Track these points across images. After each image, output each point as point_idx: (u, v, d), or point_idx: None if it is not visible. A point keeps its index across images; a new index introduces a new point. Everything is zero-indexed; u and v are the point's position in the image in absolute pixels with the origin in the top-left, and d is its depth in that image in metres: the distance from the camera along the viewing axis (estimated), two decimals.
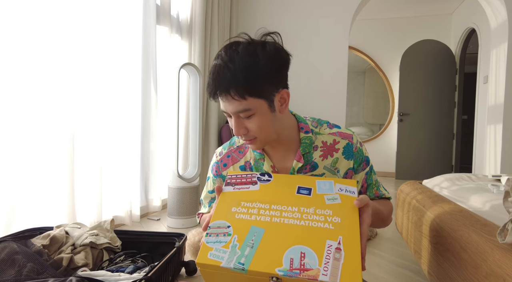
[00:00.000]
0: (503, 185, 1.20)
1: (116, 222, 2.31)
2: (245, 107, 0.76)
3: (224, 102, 0.77)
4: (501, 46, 3.36)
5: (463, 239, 0.90)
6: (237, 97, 0.74)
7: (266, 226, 0.68)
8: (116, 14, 2.22)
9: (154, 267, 1.25)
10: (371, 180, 0.92)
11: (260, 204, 0.73)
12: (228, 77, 0.74)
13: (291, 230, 0.67)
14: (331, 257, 0.61)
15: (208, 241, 0.66)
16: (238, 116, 0.78)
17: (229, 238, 0.66)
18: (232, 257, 0.63)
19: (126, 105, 2.34)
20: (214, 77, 0.76)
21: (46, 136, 1.81)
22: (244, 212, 0.71)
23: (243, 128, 0.79)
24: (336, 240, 0.64)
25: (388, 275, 1.63)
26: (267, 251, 0.63)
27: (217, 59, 0.77)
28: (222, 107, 0.79)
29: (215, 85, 0.75)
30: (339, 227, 0.67)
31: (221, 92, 0.75)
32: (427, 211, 1.26)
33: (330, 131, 0.89)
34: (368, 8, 4.86)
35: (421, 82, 4.93)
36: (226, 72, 0.74)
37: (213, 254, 0.64)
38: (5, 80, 1.57)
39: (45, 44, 1.77)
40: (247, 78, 0.74)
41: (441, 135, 4.96)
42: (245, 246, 0.64)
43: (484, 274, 0.75)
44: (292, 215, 0.70)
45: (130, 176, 2.40)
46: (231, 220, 0.70)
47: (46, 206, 1.82)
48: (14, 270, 1.17)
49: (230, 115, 0.80)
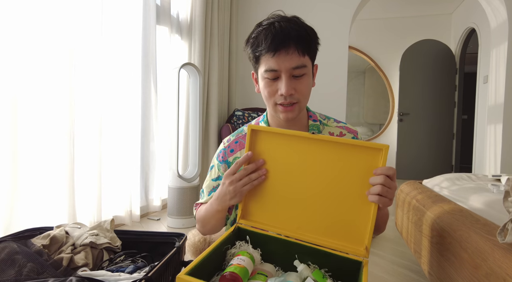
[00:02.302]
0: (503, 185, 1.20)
1: (116, 222, 2.31)
2: (303, 63, 0.80)
3: (283, 57, 0.78)
4: (501, 46, 3.36)
5: (463, 238, 0.90)
6: (300, 52, 0.79)
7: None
8: (116, 14, 2.22)
9: (154, 267, 1.25)
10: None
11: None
12: (294, 32, 0.78)
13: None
14: None
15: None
16: (290, 75, 0.81)
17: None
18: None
19: (126, 105, 2.34)
20: (276, 32, 0.78)
21: (46, 136, 1.81)
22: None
23: (293, 89, 0.81)
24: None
25: (388, 275, 1.63)
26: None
27: (269, 21, 0.81)
28: (274, 65, 0.79)
29: (277, 39, 0.77)
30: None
31: (284, 45, 0.78)
32: (427, 210, 1.26)
33: (337, 125, 0.94)
34: (368, 8, 4.86)
35: (421, 82, 4.93)
36: (291, 28, 0.79)
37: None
38: (4, 80, 1.57)
39: (45, 43, 1.77)
40: (310, 36, 0.81)
41: (441, 135, 4.96)
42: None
43: (484, 273, 0.75)
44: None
45: (130, 176, 2.39)
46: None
47: (46, 206, 1.82)
48: (14, 270, 1.17)
49: (278, 76, 0.81)
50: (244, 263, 0.67)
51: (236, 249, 0.74)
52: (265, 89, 0.84)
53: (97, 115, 2.07)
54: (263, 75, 0.83)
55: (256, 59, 0.84)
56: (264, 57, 0.81)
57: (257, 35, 0.82)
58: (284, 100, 0.82)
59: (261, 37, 0.80)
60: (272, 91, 0.83)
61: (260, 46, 0.80)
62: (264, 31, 0.80)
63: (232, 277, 0.63)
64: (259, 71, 0.85)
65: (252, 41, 0.83)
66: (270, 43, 0.78)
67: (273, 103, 0.85)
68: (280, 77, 0.81)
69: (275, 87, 0.82)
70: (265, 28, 0.80)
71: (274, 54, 0.78)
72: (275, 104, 0.84)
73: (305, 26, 0.82)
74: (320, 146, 0.71)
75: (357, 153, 0.69)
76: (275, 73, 0.80)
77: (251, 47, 0.83)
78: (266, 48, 0.79)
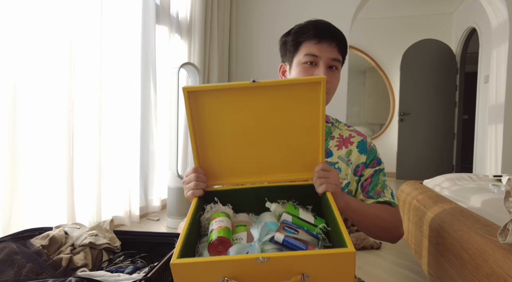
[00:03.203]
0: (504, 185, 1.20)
1: (116, 222, 2.30)
2: (339, 58, 0.88)
3: (325, 47, 0.85)
4: (501, 45, 3.35)
5: (464, 239, 0.90)
6: (339, 49, 0.87)
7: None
8: (115, 13, 2.21)
9: (153, 268, 1.24)
10: (377, 178, 0.93)
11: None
12: (338, 34, 0.88)
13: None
14: None
15: None
16: (327, 65, 0.87)
17: None
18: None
19: (125, 105, 2.34)
20: (323, 26, 0.87)
21: (45, 136, 1.80)
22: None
23: (327, 77, 0.86)
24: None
25: (389, 276, 1.63)
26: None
27: (316, 19, 0.90)
28: (316, 51, 0.86)
29: (324, 31, 0.85)
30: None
31: (329, 38, 0.85)
32: (428, 211, 1.26)
33: (347, 128, 0.97)
34: (369, 7, 4.85)
35: (421, 82, 4.92)
36: (335, 30, 0.88)
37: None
38: (4, 81, 1.57)
39: (44, 43, 1.77)
40: (345, 42, 0.90)
41: (441, 135, 4.95)
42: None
43: (485, 274, 0.75)
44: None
45: (129, 176, 2.39)
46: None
47: (46, 206, 1.81)
48: (13, 271, 1.16)
49: (316, 63, 0.87)
50: (224, 223, 0.69)
51: (208, 213, 0.75)
52: (299, 74, 0.88)
53: (96, 115, 2.07)
54: (301, 61, 0.88)
55: (296, 45, 0.89)
56: (306, 43, 0.87)
57: (303, 25, 0.89)
58: None
59: (308, 26, 0.87)
60: (307, 75, 0.87)
61: (306, 33, 0.86)
62: (312, 23, 0.88)
63: (220, 241, 0.64)
64: (297, 57, 0.89)
65: (296, 29, 0.89)
66: (317, 32, 0.85)
67: None
68: (317, 65, 0.87)
69: (311, 72, 0.87)
70: (313, 22, 0.88)
71: (318, 42, 0.85)
72: None
73: (344, 37, 0.91)
74: (262, 92, 0.73)
75: (297, 90, 0.73)
76: (315, 58, 0.86)
77: (294, 35, 0.89)
78: (312, 35, 0.86)
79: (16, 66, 1.61)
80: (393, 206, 0.91)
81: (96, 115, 2.06)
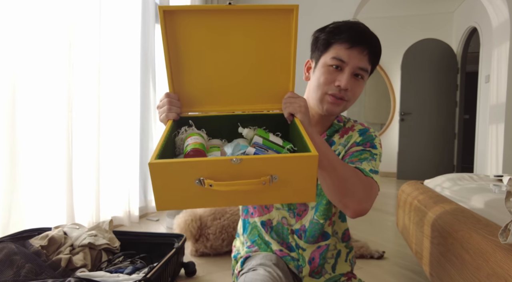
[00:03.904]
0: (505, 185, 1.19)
1: (115, 222, 2.30)
2: (367, 67, 0.84)
3: (356, 53, 0.82)
4: (502, 45, 3.35)
5: (464, 239, 0.89)
6: (370, 58, 0.84)
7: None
8: (114, 12, 2.21)
9: (153, 268, 1.24)
10: (360, 153, 0.86)
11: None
12: (374, 42, 0.84)
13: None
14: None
15: None
16: (352, 73, 0.84)
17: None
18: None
19: (124, 105, 2.33)
20: (361, 30, 0.83)
21: (44, 136, 1.80)
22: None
23: (350, 85, 0.83)
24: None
25: (389, 276, 1.62)
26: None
27: (355, 21, 0.86)
28: (345, 56, 0.82)
29: (360, 36, 0.82)
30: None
31: (362, 44, 0.82)
32: (429, 211, 1.25)
33: (353, 122, 0.97)
34: (369, 6, 4.84)
35: (422, 82, 4.91)
36: (372, 36, 0.84)
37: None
38: (3, 80, 1.56)
39: (43, 42, 1.77)
40: (379, 54, 0.87)
41: (442, 135, 4.94)
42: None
43: (486, 274, 0.74)
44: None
45: (129, 176, 2.39)
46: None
47: (45, 206, 1.81)
48: (13, 271, 1.16)
49: (342, 68, 0.83)
50: (199, 140, 0.72)
51: (183, 134, 0.77)
52: (322, 76, 0.85)
53: (96, 115, 2.07)
54: (327, 62, 0.85)
55: (327, 45, 0.86)
56: (337, 45, 0.83)
57: (340, 25, 0.85)
58: (338, 92, 0.84)
59: (344, 28, 0.83)
60: (329, 79, 0.84)
61: (339, 35, 0.83)
62: (349, 25, 0.84)
63: (196, 152, 0.68)
64: (324, 58, 0.86)
65: (331, 28, 0.85)
66: (352, 36, 0.82)
67: (324, 92, 0.86)
68: (342, 70, 0.83)
69: (334, 77, 0.84)
70: (350, 23, 0.84)
71: (350, 47, 0.82)
72: (325, 93, 0.85)
73: (380, 45, 0.87)
74: (237, 17, 0.73)
75: (271, 16, 0.73)
76: (341, 63, 0.83)
77: (328, 33, 0.85)
78: (345, 38, 0.82)
79: (15, 66, 1.61)
80: (365, 176, 0.80)
81: (96, 115, 2.06)
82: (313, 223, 0.91)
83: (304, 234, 0.92)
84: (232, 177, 0.58)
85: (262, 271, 0.81)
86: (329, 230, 0.93)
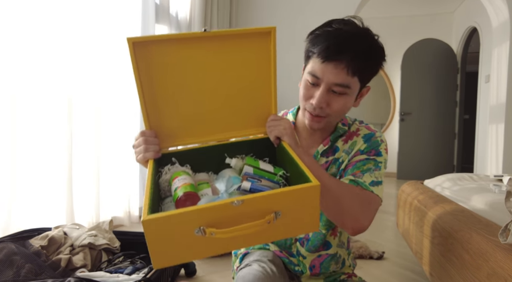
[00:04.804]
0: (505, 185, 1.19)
1: (115, 222, 2.30)
2: (347, 83, 0.76)
3: (330, 69, 0.74)
4: (502, 45, 3.34)
5: (464, 239, 0.89)
6: (350, 71, 0.74)
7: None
8: (115, 12, 2.21)
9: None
10: (364, 163, 0.83)
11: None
12: (354, 47, 0.73)
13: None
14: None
15: None
16: (328, 89, 0.77)
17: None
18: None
19: (125, 105, 2.33)
20: (335, 41, 0.74)
21: (44, 137, 1.80)
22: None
23: (325, 103, 0.78)
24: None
25: (390, 276, 1.62)
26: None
27: (338, 27, 0.76)
28: (319, 72, 0.76)
29: (333, 49, 0.73)
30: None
31: (337, 58, 0.73)
32: (429, 211, 1.25)
33: (358, 125, 0.92)
34: (369, 6, 4.84)
35: (422, 82, 4.91)
36: (353, 43, 0.74)
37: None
38: (3, 81, 1.56)
39: (43, 42, 1.76)
40: (370, 57, 0.76)
41: (442, 135, 4.94)
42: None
43: (486, 274, 0.74)
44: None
45: (129, 176, 2.39)
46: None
47: (45, 206, 1.81)
48: (12, 271, 1.16)
49: (317, 84, 0.77)
50: (188, 180, 0.67)
51: (167, 174, 0.72)
52: (301, 90, 0.82)
53: (96, 116, 2.07)
54: (305, 77, 0.81)
55: (307, 56, 0.82)
56: (313, 59, 0.78)
57: (319, 34, 0.78)
58: (313, 110, 0.80)
59: (321, 38, 0.76)
60: (307, 95, 0.80)
61: (315, 47, 0.77)
62: (327, 33, 0.76)
63: (188, 196, 0.63)
64: (306, 70, 0.82)
65: (312, 37, 0.80)
66: (324, 49, 0.74)
67: (303, 107, 0.84)
68: (318, 86, 0.78)
69: (312, 93, 0.79)
70: (330, 31, 0.76)
71: (323, 62, 0.75)
72: (305, 109, 0.83)
73: (371, 44, 0.77)
74: (213, 43, 0.70)
75: (248, 41, 0.71)
76: (316, 80, 0.77)
77: (309, 42, 0.81)
78: (318, 52, 0.76)
79: (16, 68, 1.61)
80: (364, 190, 0.78)
81: (96, 115, 2.06)
82: (315, 232, 0.90)
83: (306, 242, 0.91)
84: (234, 220, 0.54)
85: (256, 266, 0.80)
86: (331, 240, 0.92)
